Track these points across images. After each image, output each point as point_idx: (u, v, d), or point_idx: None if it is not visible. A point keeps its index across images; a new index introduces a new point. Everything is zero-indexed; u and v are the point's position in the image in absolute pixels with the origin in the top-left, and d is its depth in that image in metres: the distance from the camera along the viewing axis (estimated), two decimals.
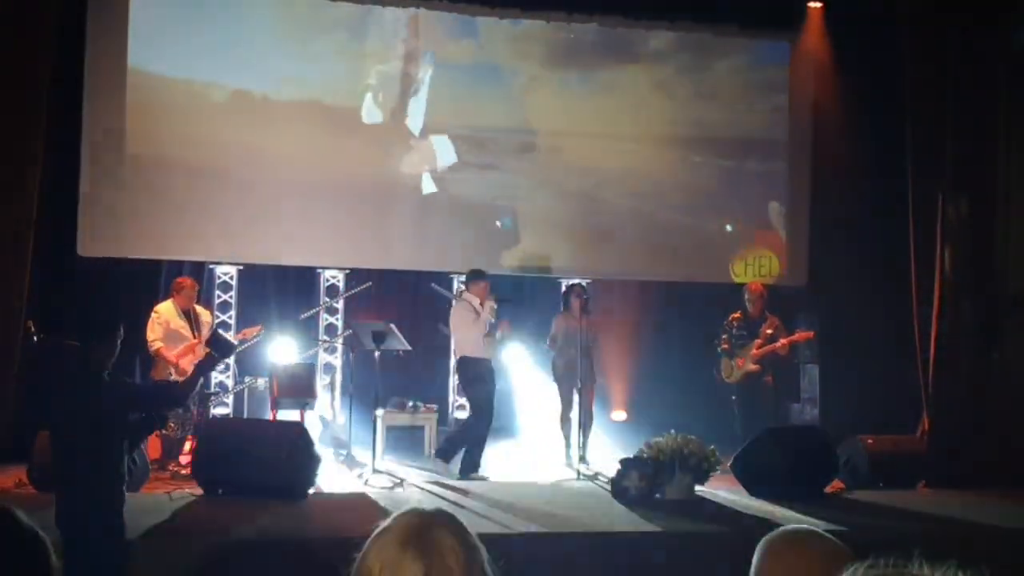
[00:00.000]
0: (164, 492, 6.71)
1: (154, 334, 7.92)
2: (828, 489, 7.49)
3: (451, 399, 11.01)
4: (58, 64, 8.17)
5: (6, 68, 7.71)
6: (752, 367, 8.65)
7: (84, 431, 4.55)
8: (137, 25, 9.27)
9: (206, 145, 9.54)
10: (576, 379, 8.63)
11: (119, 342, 4.74)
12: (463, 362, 8.28)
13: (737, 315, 8.87)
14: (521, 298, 10.72)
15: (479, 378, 8.15)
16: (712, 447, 7.03)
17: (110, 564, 4.57)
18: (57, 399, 4.71)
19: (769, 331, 8.67)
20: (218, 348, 5.26)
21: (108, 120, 9.17)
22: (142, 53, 9.31)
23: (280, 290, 10.74)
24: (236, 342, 5.55)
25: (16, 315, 7.54)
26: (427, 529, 1.59)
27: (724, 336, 8.83)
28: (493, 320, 8.10)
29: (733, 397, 8.87)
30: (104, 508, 4.56)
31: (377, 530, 1.63)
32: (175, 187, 9.42)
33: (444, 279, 10.77)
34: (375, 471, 7.67)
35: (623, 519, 6.37)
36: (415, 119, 10.06)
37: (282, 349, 9.95)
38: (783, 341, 8.62)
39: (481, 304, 8.12)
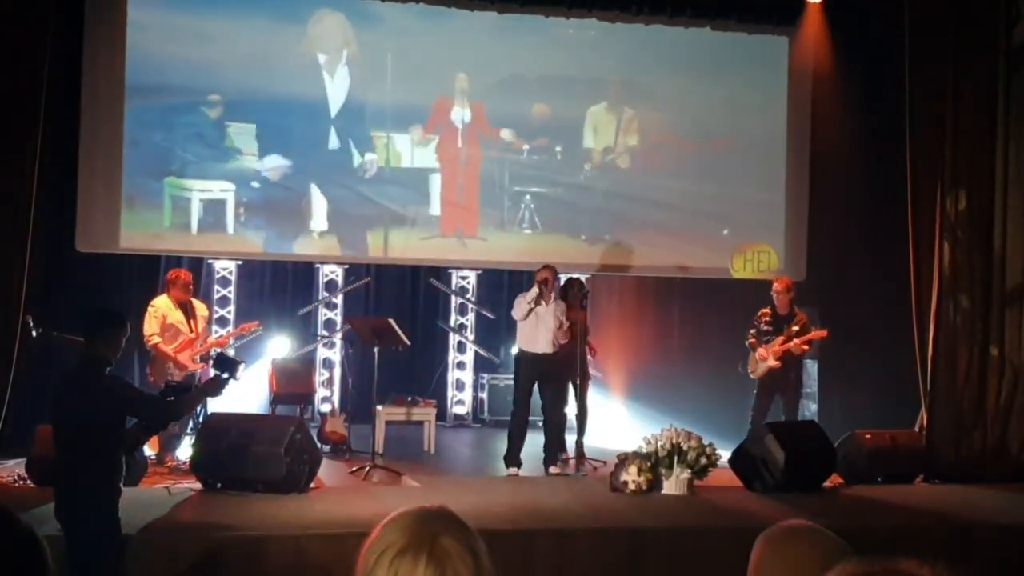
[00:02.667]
0: (163, 486, 6.72)
1: (151, 328, 7.89)
2: (826, 484, 7.50)
3: (450, 394, 11.03)
4: (56, 58, 8.16)
5: (4, 63, 7.71)
6: (773, 363, 8.66)
7: (83, 425, 4.56)
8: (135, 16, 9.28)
9: (207, 140, 9.54)
10: (575, 374, 8.64)
11: (123, 338, 4.73)
12: None
13: (766, 311, 8.89)
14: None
15: (516, 371, 8.36)
16: (711, 443, 7.04)
17: (108, 558, 4.59)
18: (57, 393, 4.71)
19: (795, 328, 8.69)
20: (224, 368, 5.06)
21: (107, 114, 9.16)
22: (140, 47, 9.31)
23: (279, 285, 10.76)
24: (242, 360, 5.40)
25: (15, 310, 7.54)
26: (434, 536, 1.57)
27: (752, 331, 8.86)
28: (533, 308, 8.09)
29: (755, 392, 8.90)
30: (101, 502, 4.56)
31: (376, 539, 1.58)
32: (173, 179, 9.43)
33: (443, 275, 10.79)
34: (374, 466, 7.68)
35: (621, 514, 6.37)
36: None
37: (281, 344, 9.98)
38: (796, 341, 8.63)
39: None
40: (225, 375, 5.01)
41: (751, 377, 8.90)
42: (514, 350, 8.71)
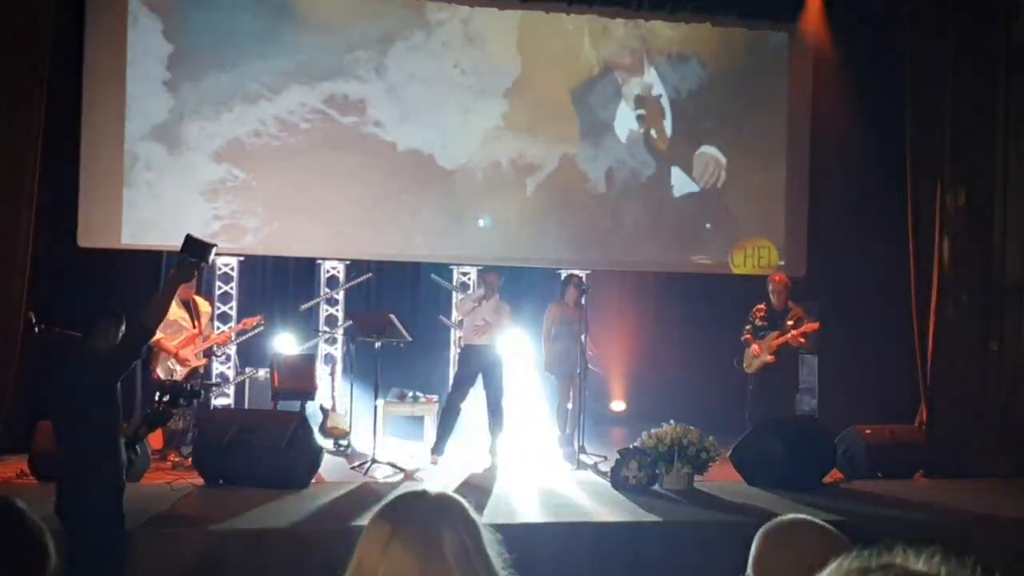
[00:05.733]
0: (165, 482, 6.74)
1: (163, 320, 7.89)
2: (826, 479, 7.52)
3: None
4: (58, 53, 8.17)
5: (5, 58, 7.71)
6: (768, 358, 8.66)
7: (83, 421, 4.56)
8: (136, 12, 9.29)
9: (208, 136, 9.55)
10: (573, 369, 8.66)
11: (119, 332, 4.73)
12: None
13: (762, 306, 8.90)
14: (520, 288, 10.73)
15: (460, 363, 8.70)
16: (711, 437, 7.05)
17: (111, 553, 4.59)
18: (57, 389, 4.72)
19: (790, 323, 8.69)
20: (193, 250, 4.75)
21: (108, 110, 9.18)
22: (141, 41, 9.32)
23: (280, 281, 10.77)
24: (214, 243, 4.98)
25: (17, 306, 7.56)
26: (429, 521, 1.59)
27: (747, 327, 8.86)
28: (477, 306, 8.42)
29: (750, 387, 8.90)
30: (104, 497, 4.57)
31: (374, 519, 1.62)
32: (175, 177, 9.45)
33: (444, 270, 10.79)
34: (375, 461, 7.70)
35: (622, 509, 6.39)
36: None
37: (283, 340, 9.99)
38: (793, 332, 8.63)
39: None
40: (194, 258, 4.78)
41: (746, 372, 8.90)
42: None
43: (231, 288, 10.10)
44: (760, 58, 10.62)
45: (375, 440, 8.01)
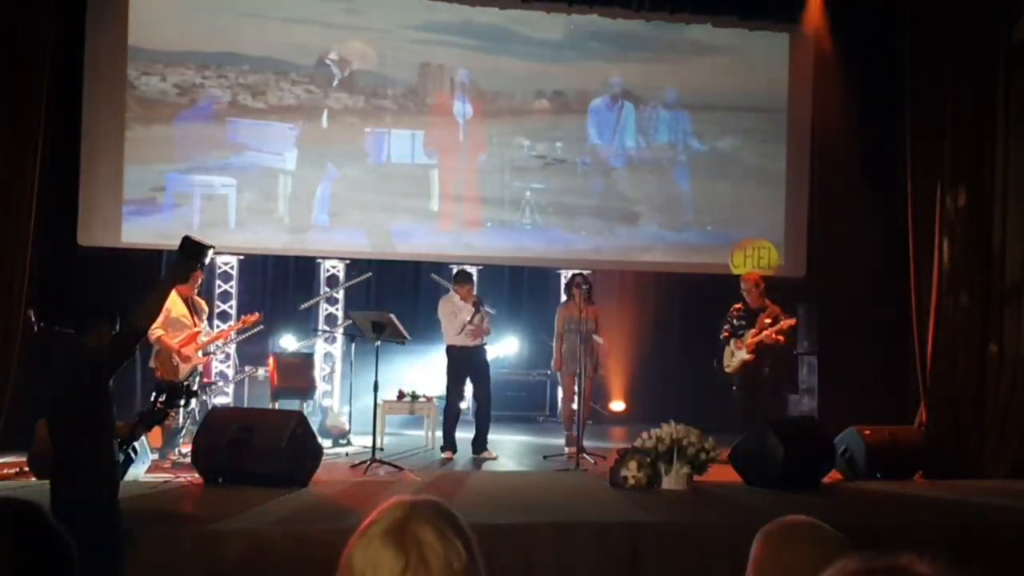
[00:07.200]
0: (164, 480, 6.74)
1: (155, 321, 7.89)
2: (826, 480, 7.52)
3: None
4: (58, 52, 8.16)
5: (6, 57, 7.71)
6: (747, 356, 8.65)
7: (75, 418, 4.56)
8: (138, 11, 9.29)
9: (207, 133, 9.55)
10: (578, 369, 8.67)
11: (112, 331, 4.71)
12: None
13: (739, 305, 8.88)
14: (520, 291, 10.77)
15: (449, 364, 8.80)
16: (711, 438, 7.04)
17: (108, 553, 4.58)
18: (51, 387, 4.71)
19: (767, 320, 8.67)
20: (190, 251, 4.65)
21: (108, 109, 9.18)
22: (142, 40, 9.32)
23: (280, 280, 10.78)
24: (211, 245, 4.84)
25: (17, 305, 7.56)
26: (406, 523, 1.61)
27: (726, 326, 8.85)
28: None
29: (733, 387, 8.88)
30: (100, 496, 4.56)
31: (362, 526, 1.65)
32: (174, 175, 9.45)
33: (444, 270, 10.80)
34: (375, 460, 7.70)
35: (621, 509, 6.38)
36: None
37: (282, 339, 10.00)
38: (768, 331, 8.61)
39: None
40: (190, 259, 4.73)
41: (726, 372, 8.87)
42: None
43: (231, 287, 10.11)
44: (760, 58, 10.62)
45: (374, 439, 8.01)
